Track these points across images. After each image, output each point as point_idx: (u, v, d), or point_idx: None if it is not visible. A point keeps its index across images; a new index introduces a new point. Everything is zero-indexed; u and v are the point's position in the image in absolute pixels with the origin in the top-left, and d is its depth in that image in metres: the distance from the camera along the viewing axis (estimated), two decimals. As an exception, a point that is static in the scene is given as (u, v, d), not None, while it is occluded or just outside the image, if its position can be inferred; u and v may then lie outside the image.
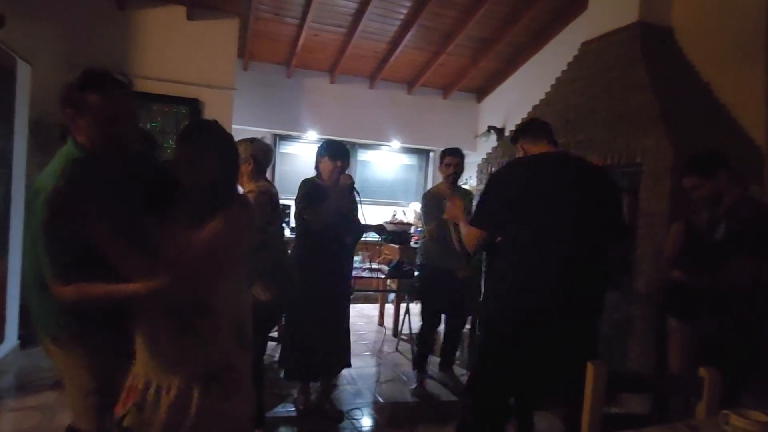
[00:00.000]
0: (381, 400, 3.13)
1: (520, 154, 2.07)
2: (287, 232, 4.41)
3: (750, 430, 0.97)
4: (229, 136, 1.44)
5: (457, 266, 3.26)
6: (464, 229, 2.10)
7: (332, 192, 2.65)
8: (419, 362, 3.38)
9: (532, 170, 1.92)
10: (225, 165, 1.40)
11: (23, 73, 3.38)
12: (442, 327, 3.49)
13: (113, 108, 1.38)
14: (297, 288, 2.50)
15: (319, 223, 2.59)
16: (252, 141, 2.53)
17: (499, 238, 2.00)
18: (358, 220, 2.94)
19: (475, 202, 3.07)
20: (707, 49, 3.62)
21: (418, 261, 3.58)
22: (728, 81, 3.46)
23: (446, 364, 3.55)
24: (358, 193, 2.79)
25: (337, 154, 2.71)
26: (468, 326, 3.86)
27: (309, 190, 2.68)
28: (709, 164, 2.20)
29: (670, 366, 2.42)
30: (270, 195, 2.42)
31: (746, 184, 3.07)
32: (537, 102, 4.57)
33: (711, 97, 3.50)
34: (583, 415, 1.22)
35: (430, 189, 3.62)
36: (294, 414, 2.82)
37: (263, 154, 2.53)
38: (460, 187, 3.49)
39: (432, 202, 3.31)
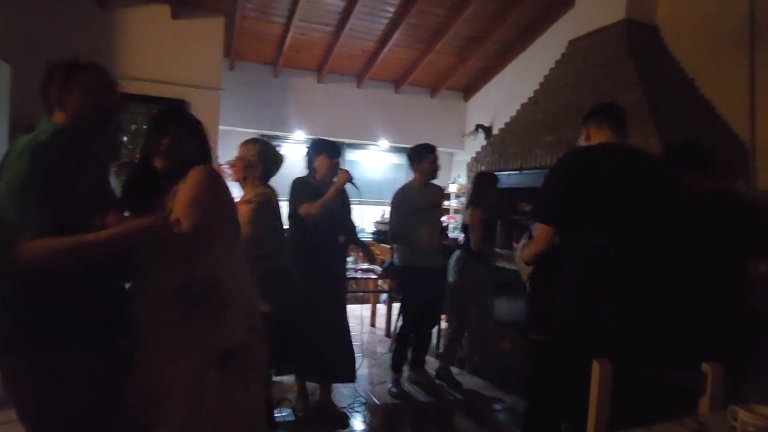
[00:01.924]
0: (376, 401, 3.11)
1: (582, 137, 1.97)
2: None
3: (759, 425, 0.97)
4: (197, 120, 1.56)
5: (430, 263, 3.20)
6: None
7: (325, 189, 2.66)
8: (397, 363, 3.32)
9: (591, 161, 1.80)
10: (199, 148, 1.50)
11: (3, 74, 3.29)
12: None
13: (104, 82, 1.40)
14: (300, 297, 2.43)
15: (313, 217, 2.57)
16: (265, 145, 2.44)
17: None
18: (351, 219, 2.92)
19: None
20: (692, 46, 3.67)
21: (394, 261, 3.41)
22: (713, 77, 3.51)
23: (419, 363, 3.47)
24: (357, 187, 2.83)
25: (335, 151, 2.78)
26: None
27: (303, 188, 2.69)
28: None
29: None
30: (270, 204, 2.34)
31: (732, 178, 3.12)
32: (525, 100, 4.59)
33: (696, 94, 3.54)
34: (589, 414, 1.22)
35: (404, 186, 3.37)
36: (291, 419, 2.78)
37: (273, 161, 2.45)
38: (433, 184, 3.36)
39: (407, 200, 3.22)
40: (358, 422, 2.82)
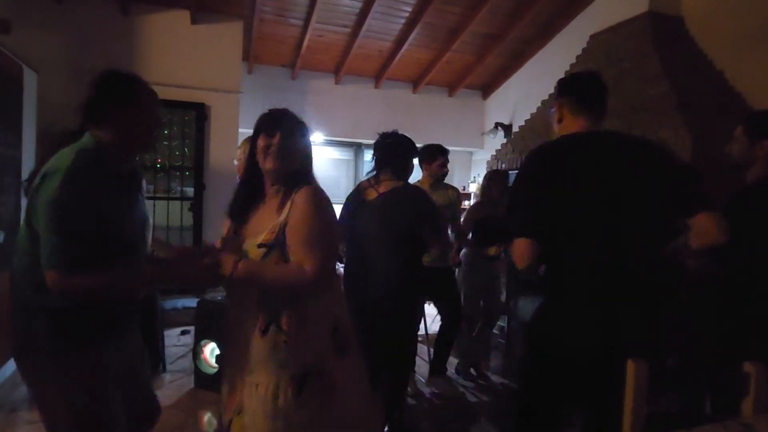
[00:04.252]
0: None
1: (555, 115, 1.59)
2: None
3: (812, 428, 0.91)
4: (303, 122, 1.51)
5: (435, 262, 3.04)
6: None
7: None
8: (434, 366, 3.29)
9: (571, 156, 1.47)
10: (309, 151, 1.49)
11: (30, 81, 3.36)
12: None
13: (157, 101, 1.41)
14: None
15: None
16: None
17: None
18: None
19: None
20: (720, 37, 3.56)
21: None
22: (743, 68, 3.40)
23: (438, 367, 3.29)
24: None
25: None
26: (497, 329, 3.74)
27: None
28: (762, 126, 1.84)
29: None
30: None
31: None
32: (545, 97, 4.52)
33: (726, 86, 3.44)
34: (625, 415, 1.17)
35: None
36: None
37: None
38: (446, 184, 3.29)
39: None
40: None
